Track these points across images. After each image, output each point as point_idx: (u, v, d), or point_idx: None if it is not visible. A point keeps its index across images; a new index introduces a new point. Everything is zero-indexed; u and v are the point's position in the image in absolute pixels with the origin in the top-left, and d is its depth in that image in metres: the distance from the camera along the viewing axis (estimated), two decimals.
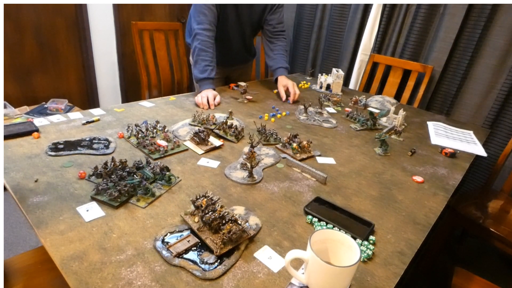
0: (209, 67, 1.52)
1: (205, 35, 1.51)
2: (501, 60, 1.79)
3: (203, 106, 1.44)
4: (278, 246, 0.70)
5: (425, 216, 0.87)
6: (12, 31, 2.19)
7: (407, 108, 1.83)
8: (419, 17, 2.00)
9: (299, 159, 1.08)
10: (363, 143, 1.28)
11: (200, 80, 1.53)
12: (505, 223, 1.44)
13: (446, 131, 1.51)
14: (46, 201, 0.76)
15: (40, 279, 0.89)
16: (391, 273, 0.67)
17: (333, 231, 0.62)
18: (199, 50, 1.51)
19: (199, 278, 0.60)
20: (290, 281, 0.62)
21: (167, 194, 0.83)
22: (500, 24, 1.77)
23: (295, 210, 0.83)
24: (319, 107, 1.59)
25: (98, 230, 0.69)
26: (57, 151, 0.96)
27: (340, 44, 2.47)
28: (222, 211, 0.70)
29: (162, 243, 0.67)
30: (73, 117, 1.21)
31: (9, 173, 0.84)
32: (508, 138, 1.80)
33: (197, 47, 1.51)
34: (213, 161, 1.01)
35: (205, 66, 1.52)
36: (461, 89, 1.97)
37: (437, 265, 1.77)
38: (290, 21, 2.70)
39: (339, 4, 2.37)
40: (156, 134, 1.11)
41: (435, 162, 1.19)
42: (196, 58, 1.53)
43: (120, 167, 0.86)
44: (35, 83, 2.41)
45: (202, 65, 1.52)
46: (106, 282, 0.57)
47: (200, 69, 1.52)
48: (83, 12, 2.45)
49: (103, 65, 2.71)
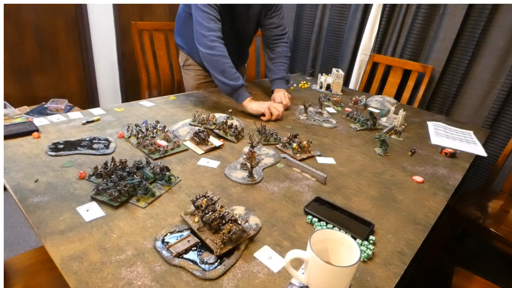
0: (238, 74, 1.42)
1: (221, 42, 1.40)
2: (501, 60, 1.79)
3: (275, 117, 1.39)
4: (278, 246, 0.70)
5: (425, 216, 0.87)
6: (12, 31, 2.19)
7: (407, 108, 1.83)
8: (419, 17, 2.00)
9: (299, 159, 1.08)
10: (363, 143, 1.28)
11: (240, 87, 1.41)
12: (505, 223, 1.44)
13: (446, 131, 1.51)
14: (46, 201, 0.75)
15: (40, 279, 0.89)
16: (391, 273, 0.67)
17: (333, 231, 0.62)
18: (221, 57, 1.38)
19: (199, 278, 0.60)
20: (290, 281, 0.62)
21: (167, 194, 0.83)
22: (500, 24, 1.77)
23: (295, 210, 0.83)
24: (319, 107, 1.59)
25: (98, 230, 0.69)
26: (57, 151, 0.96)
27: (340, 44, 2.47)
28: (222, 211, 0.70)
29: (162, 243, 0.67)
30: (73, 117, 1.21)
31: (9, 173, 0.84)
32: (508, 138, 1.80)
33: (217, 54, 1.38)
34: (213, 161, 1.01)
35: (235, 73, 1.40)
36: (461, 89, 1.97)
37: (437, 265, 1.77)
38: (290, 21, 2.70)
39: (339, 4, 2.37)
40: (156, 134, 1.11)
41: (435, 162, 1.19)
42: (222, 67, 1.39)
43: (120, 167, 0.86)
44: (35, 83, 2.41)
45: (232, 72, 1.39)
46: (106, 282, 0.57)
47: (232, 77, 1.39)
48: (83, 12, 2.45)
49: (103, 65, 2.71)
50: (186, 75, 1.84)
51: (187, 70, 1.82)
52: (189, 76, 1.82)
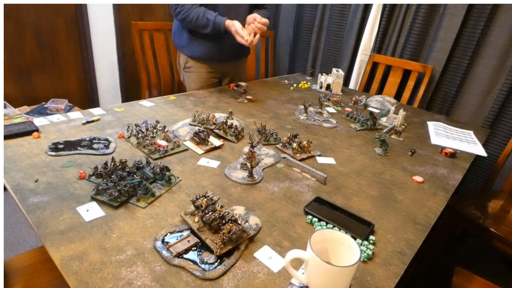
0: (208, 12, 1.50)
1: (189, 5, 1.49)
2: (501, 60, 1.79)
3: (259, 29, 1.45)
4: (278, 246, 0.70)
5: (425, 216, 0.87)
6: (12, 31, 2.19)
7: (407, 108, 1.83)
8: (419, 17, 2.00)
9: (299, 159, 1.08)
10: (363, 143, 1.28)
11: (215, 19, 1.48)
12: (505, 223, 1.44)
13: (446, 131, 1.51)
14: (46, 201, 0.75)
15: (40, 279, 0.89)
16: (391, 273, 0.67)
17: (333, 231, 0.62)
18: (192, 15, 1.49)
19: (199, 278, 0.60)
20: (290, 281, 0.62)
21: (167, 194, 0.83)
22: (500, 24, 1.77)
23: (295, 210, 0.83)
24: (319, 107, 1.59)
25: (98, 230, 0.69)
26: (57, 151, 0.96)
27: (340, 44, 2.47)
28: (222, 211, 0.70)
29: (162, 243, 0.67)
30: (73, 116, 1.21)
31: (9, 173, 0.84)
32: (508, 138, 1.80)
33: (187, 17, 1.50)
34: (213, 161, 1.01)
35: (207, 15, 1.49)
36: (461, 89, 1.97)
37: (437, 265, 1.77)
38: (290, 21, 2.70)
39: (339, 4, 2.37)
40: (156, 134, 1.11)
41: (435, 162, 1.19)
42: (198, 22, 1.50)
43: (120, 167, 0.86)
44: (35, 83, 2.41)
45: (205, 16, 1.48)
46: (106, 282, 0.57)
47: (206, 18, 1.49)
48: (83, 12, 2.45)
49: (103, 65, 2.71)
50: (188, 77, 1.81)
51: (188, 73, 1.79)
52: (191, 79, 1.80)
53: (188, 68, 1.77)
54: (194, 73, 1.77)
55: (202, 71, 1.76)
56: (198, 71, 1.76)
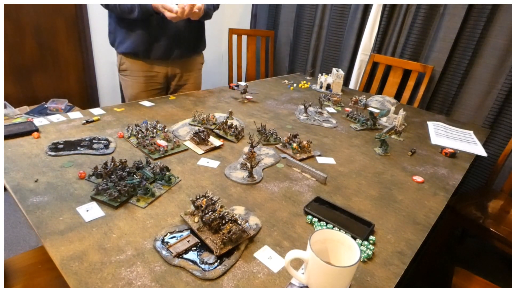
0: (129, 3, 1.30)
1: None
2: (501, 60, 1.79)
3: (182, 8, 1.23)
4: (278, 246, 0.70)
5: (425, 216, 0.87)
6: (12, 31, 2.19)
7: (407, 108, 1.83)
8: (419, 17, 2.00)
9: (299, 159, 1.08)
10: (363, 143, 1.28)
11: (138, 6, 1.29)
12: (505, 223, 1.44)
13: (446, 131, 1.51)
14: (46, 201, 0.75)
15: (40, 279, 0.89)
16: (391, 273, 0.67)
17: (333, 231, 0.62)
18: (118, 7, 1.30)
19: (199, 278, 0.60)
20: (290, 281, 0.62)
21: (167, 194, 0.83)
22: (500, 24, 1.77)
23: (295, 210, 0.83)
24: (319, 107, 1.59)
25: (98, 230, 0.69)
26: (57, 151, 0.96)
27: (340, 44, 2.47)
28: (222, 211, 0.70)
29: (162, 243, 0.66)
30: (73, 117, 1.21)
31: (9, 173, 0.84)
32: (508, 138, 1.80)
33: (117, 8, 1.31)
34: (213, 161, 1.01)
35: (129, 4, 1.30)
36: (461, 89, 1.97)
37: (437, 265, 1.77)
38: (290, 21, 2.70)
39: (339, 4, 2.37)
40: (156, 134, 1.11)
41: (435, 162, 1.19)
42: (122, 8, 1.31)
43: (120, 167, 0.86)
44: (35, 83, 2.41)
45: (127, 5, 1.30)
46: (106, 282, 0.57)
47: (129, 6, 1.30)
48: (83, 12, 2.45)
49: (103, 65, 2.71)
50: (124, 82, 1.57)
51: (124, 76, 1.55)
52: (127, 83, 1.55)
53: (124, 71, 1.53)
54: (130, 77, 1.53)
55: (140, 75, 1.52)
56: (136, 75, 1.52)
